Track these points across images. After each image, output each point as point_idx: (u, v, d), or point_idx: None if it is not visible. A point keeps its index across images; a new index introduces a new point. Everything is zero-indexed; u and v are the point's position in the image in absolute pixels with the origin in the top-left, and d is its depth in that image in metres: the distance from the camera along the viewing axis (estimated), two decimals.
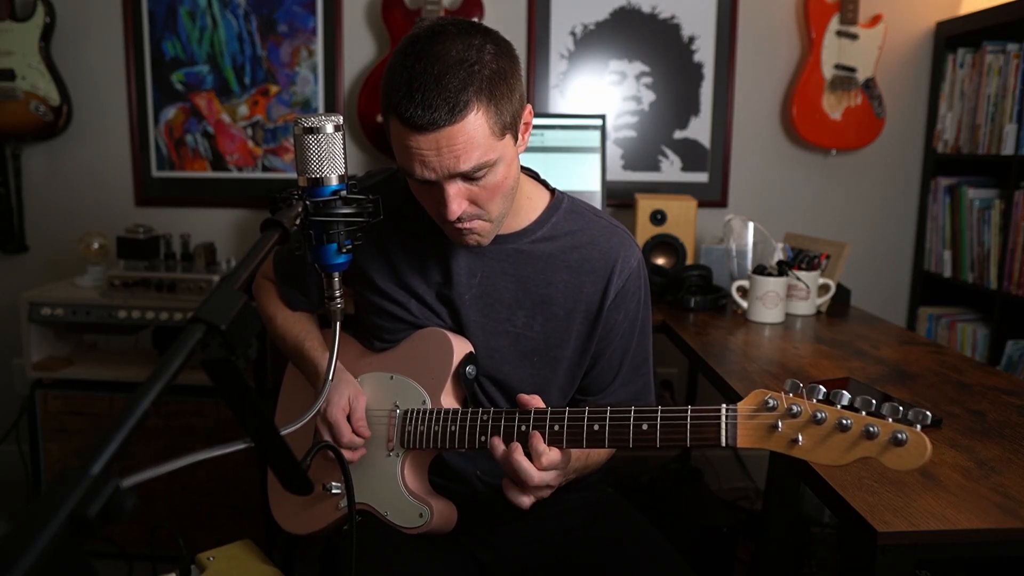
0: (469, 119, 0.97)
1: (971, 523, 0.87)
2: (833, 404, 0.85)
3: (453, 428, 1.10)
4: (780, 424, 0.87)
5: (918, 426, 0.80)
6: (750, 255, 2.05)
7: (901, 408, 0.81)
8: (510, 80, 1.02)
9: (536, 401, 1.04)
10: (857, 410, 0.84)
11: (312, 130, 0.94)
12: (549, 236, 1.19)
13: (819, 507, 2.37)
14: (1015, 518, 0.89)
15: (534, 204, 1.20)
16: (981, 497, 0.93)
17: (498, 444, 1.02)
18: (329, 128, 0.94)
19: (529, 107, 1.09)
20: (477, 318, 1.19)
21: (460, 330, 1.20)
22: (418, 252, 1.20)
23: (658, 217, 2.26)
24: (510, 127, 1.03)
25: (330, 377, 0.99)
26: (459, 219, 1.05)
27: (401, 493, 1.14)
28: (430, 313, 1.20)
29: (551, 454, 1.00)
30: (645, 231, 2.25)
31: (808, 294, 1.89)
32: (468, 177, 1.02)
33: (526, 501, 1.02)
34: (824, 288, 1.92)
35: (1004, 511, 0.90)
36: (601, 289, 1.18)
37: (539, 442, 1.00)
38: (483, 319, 1.19)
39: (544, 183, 1.25)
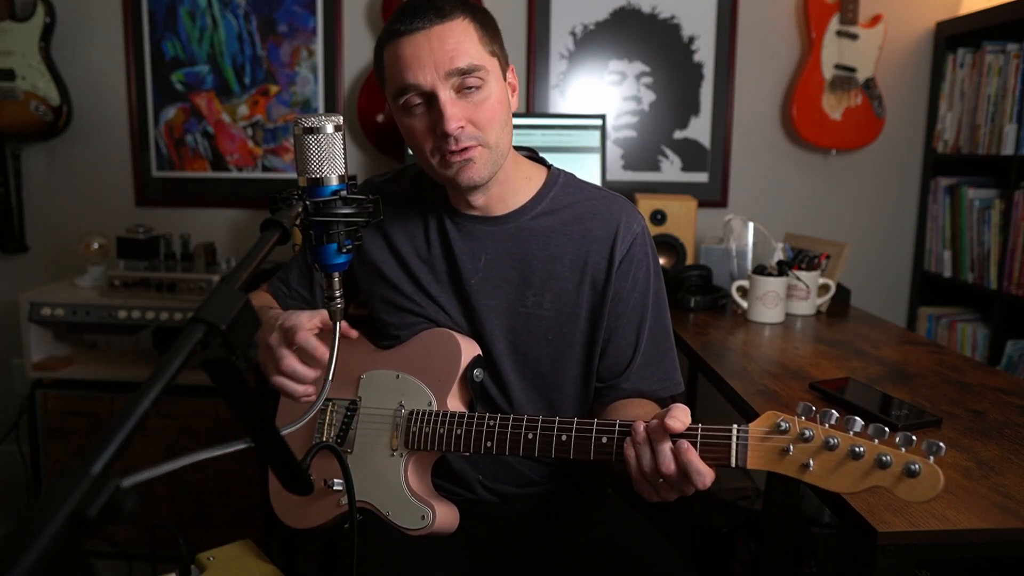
0: (457, 22, 1.06)
1: (971, 523, 0.87)
2: (846, 430, 0.84)
3: (459, 432, 1.09)
4: (791, 448, 0.86)
5: (931, 458, 0.80)
6: (750, 255, 2.05)
7: (914, 438, 0.81)
8: (495, 24, 1.13)
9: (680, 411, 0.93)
10: (870, 437, 0.83)
11: (312, 130, 0.93)
12: (549, 210, 1.19)
13: (819, 507, 2.37)
14: (1015, 518, 0.89)
15: (532, 183, 1.21)
16: (981, 497, 0.93)
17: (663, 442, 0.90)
18: (329, 128, 0.94)
19: (512, 67, 1.17)
20: (487, 301, 1.18)
21: (471, 316, 1.19)
22: (422, 243, 1.21)
23: (658, 217, 2.26)
24: (498, 55, 1.11)
25: (329, 377, 0.99)
26: (457, 142, 1.06)
27: (404, 494, 1.14)
28: (436, 306, 1.20)
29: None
30: None
31: (808, 294, 1.89)
32: (462, 88, 1.06)
33: (673, 496, 0.95)
34: (824, 288, 1.92)
35: (1004, 511, 0.90)
36: (606, 257, 1.17)
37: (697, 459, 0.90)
38: (493, 302, 1.18)
39: (541, 160, 1.26)
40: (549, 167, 1.25)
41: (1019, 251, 2.24)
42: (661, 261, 2.22)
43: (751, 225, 2.08)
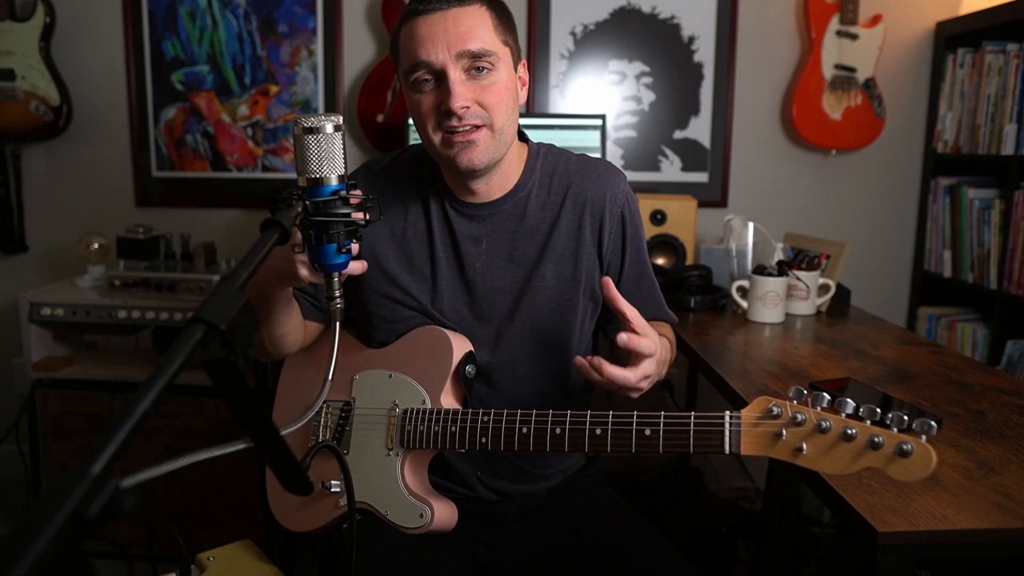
0: (474, 8, 1.09)
1: (971, 523, 0.87)
2: (838, 412, 0.84)
3: (453, 429, 1.10)
4: (784, 432, 0.87)
5: (923, 437, 0.80)
6: (750, 255, 2.05)
7: (906, 417, 0.81)
8: (511, 18, 1.16)
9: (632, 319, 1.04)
10: (862, 419, 0.83)
11: (312, 130, 0.94)
12: (539, 182, 1.23)
13: (819, 507, 2.37)
14: (1015, 518, 0.89)
15: (520, 161, 1.24)
16: (981, 497, 0.93)
17: (582, 363, 1.04)
18: (329, 128, 0.94)
19: (524, 63, 1.20)
20: (493, 282, 1.20)
21: (477, 300, 1.20)
22: (423, 230, 1.22)
23: (658, 217, 2.26)
24: (511, 46, 1.14)
25: (329, 377, 0.99)
26: (461, 121, 1.08)
27: (401, 493, 1.14)
28: (435, 296, 1.21)
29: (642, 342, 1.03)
30: (645, 231, 2.24)
31: (808, 294, 1.89)
32: (472, 70, 1.08)
33: (635, 395, 1.07)
34: (824, 288, 1.92)
35: (1004, 511, 0.90)
36: (599, 219, 1.22)
37: (632, 339, 1.02)
38: (499, 282, 1.20)
39: (522, 135, 1.28)
40: (527, 141, 1.27)
41: (1019, 251, 2.24)
42: (661, 261, 2.24)
43: (751, 225, 2.08)
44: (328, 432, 1.21)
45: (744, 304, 1.88)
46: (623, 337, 1.02)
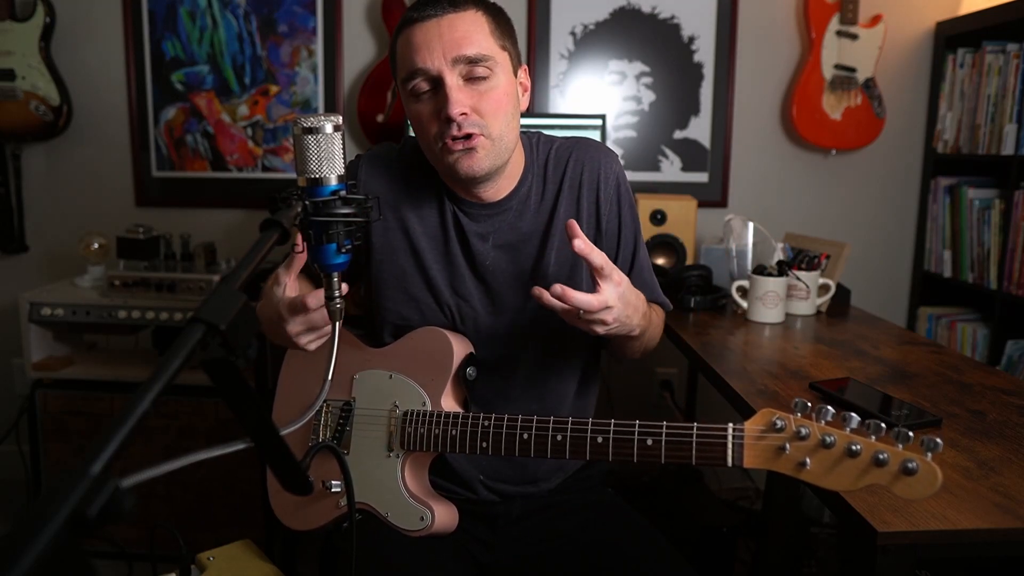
0: (470, 13, 1.09)
1: (971, 523, 0.87)
2: (843, 427, 0.83)
3: (454, 432, 1.09)
4: (788, 446, 0.85)
5: (929, 454, 0.79)
6: (750, 255, 2.05)
7: (912, 434, 0.80)
8: (509, 22, 1.15)
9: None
10: (867, 434, 0.82)
11: (311, 130, 0.93)
12: (536, 173, 1.23)
13: (819, 507, 2.37)
14: (1015, 518, 0.89)
15: (522, 160, 1.24)
16: (981, 497, 0.93)
17: (539, 292, 1.00)
18: (328, 128, 0.94)
19: (525, 67, 1.20)
20: (503, 278, 1.21)
21: (492, 297, 1.21)
22: (438, 228, 1.22)
23: (658, 217, 2.26)
24: (509, 51, 1.14)
25: (329, 377, 0.99)
26: (460, 128, 1.07)
27: (402, 495, 1.14)
28: (453, 294, 1.21)
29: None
30: (645, 231, 2.25)
31: (808, 294, 1.89)
32: (470, 76, 1.08)
33: (601, 330, 1.05)
34: (824, 288, 1.92)
35: (1004, 511, 0.90)
36: (594, 201, 1.22)
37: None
38: (510, 278, 1.21)
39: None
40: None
41: (1019, 251, 2.24)
42: (661, 261, 2.23)
43: (751, 225, 2.07)
44: (328, 432, 1.21)
45: (744, 304, 1.88)
46: (578, 243, 1.00)
